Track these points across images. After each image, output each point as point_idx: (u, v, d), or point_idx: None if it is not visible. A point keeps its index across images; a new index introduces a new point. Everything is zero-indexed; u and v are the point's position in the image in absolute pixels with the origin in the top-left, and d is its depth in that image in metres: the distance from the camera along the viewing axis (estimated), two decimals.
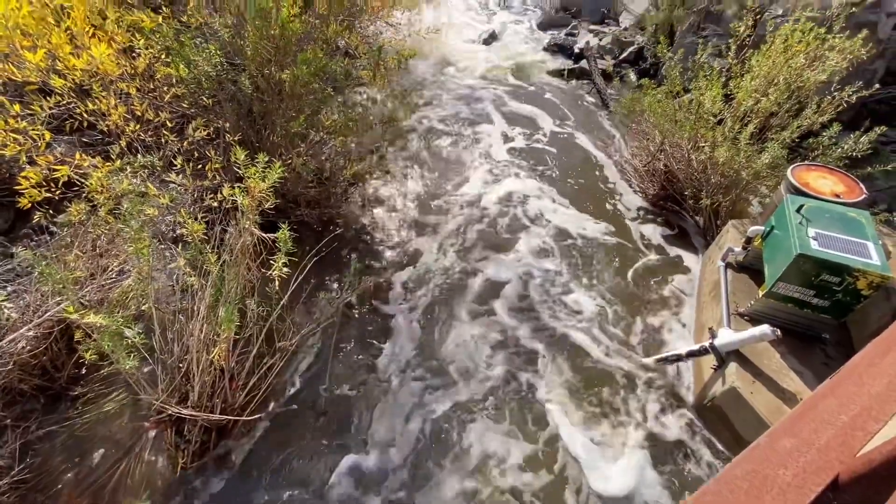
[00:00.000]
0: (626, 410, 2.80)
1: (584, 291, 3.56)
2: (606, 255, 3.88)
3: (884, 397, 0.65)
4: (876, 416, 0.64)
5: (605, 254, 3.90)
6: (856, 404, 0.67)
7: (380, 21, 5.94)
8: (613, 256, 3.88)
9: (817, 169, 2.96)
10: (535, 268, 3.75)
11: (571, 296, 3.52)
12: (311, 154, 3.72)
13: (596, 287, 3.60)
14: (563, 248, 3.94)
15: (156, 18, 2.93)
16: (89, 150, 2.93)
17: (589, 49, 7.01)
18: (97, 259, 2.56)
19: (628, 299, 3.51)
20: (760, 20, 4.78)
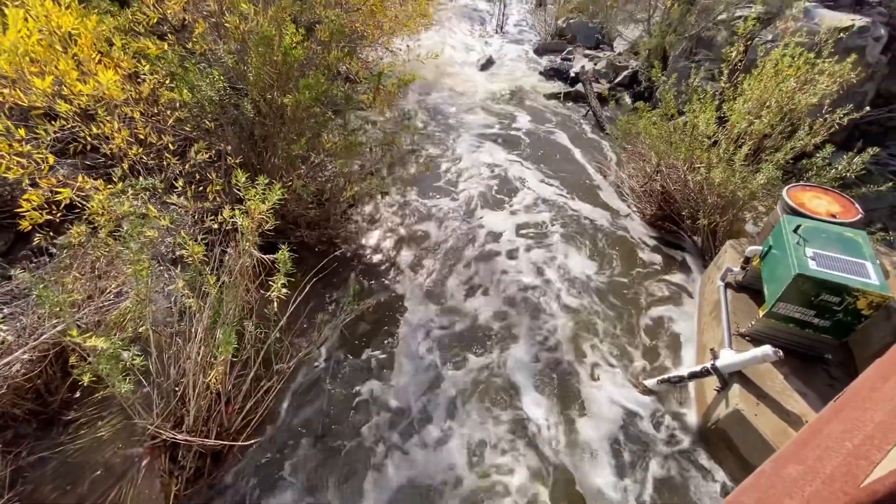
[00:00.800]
0: (628, 434, 2.75)
1: (583, 310, 3.54)
2: (604, 275, 3.88)
3: (886, 425, 0.64)
4: (879, 444, 0.63)
5: (603, 273, 3.90)
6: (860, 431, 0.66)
7: (380, 47, 6.09)
8: (611, 276, 3.87)
9: (812, 189, 3.00)
10: (532, 281, 3.74)
11: (570, 315, 3.51)
12: (311, 176, 3.76)
13: (594, 306, 3.58)
14: (561, 266, 3.94)
15: (161, 45, 3.00)
16: (92, 172, 2.96)
17: (584, 73, 7.17)
18: (96, 281, 2.56)
19: (627, 319, 3.49)
20: (751, 45, 4.90)
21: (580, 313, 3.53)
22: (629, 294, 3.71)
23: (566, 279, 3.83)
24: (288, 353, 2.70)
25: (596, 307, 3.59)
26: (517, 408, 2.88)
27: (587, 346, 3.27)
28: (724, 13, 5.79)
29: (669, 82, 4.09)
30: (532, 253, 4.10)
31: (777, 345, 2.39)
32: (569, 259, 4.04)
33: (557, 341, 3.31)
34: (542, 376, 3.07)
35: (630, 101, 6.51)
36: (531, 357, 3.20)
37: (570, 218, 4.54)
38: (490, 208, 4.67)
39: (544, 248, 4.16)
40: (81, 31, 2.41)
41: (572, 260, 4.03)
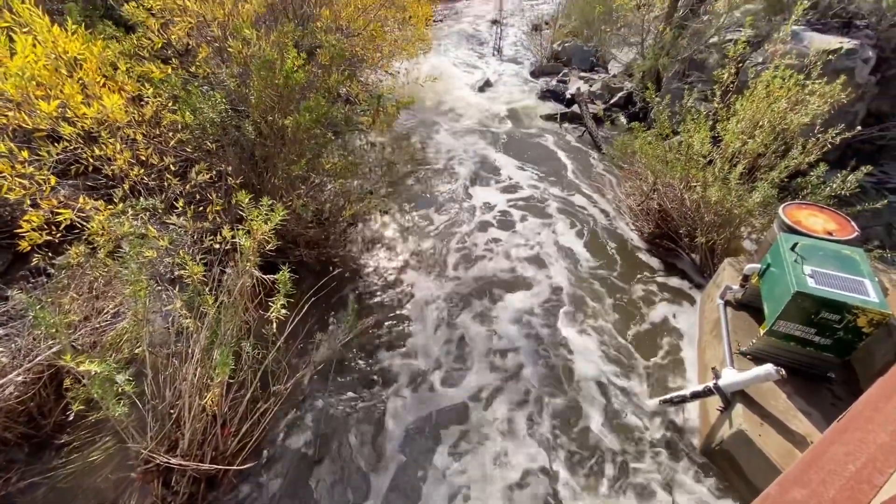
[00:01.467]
0: (630, 457, 2.70)
1: (581, 331, 3.52)
2: (604, 295, 3.88)
3: (887, 448, 0.63)
4: (881, 467, 0.62)
5: (603, 293, 3.89)
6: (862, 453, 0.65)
7: (380, 70, 6.22)
8: (612, 296, 3.87)
9: (808, 207, 3.02)
10: (533, 306, 3.73)
11: (569, 337, 3.49)
12: (311, 196, 3.78)
13: (594, 326, 3.56)
14: (559, 288, 3.93)
15: (165, 69, 3.07)
16: (93, 193, 2.98)
17: (580, 95, 7.30)
18: (93, 301, 2.55)
19: (627, 339, 3.47)
20: (742, 67, 5.01)
21: (578, 332, 3.51)
22: (627, 311, 3.70)
23: (566, 301, 3.82)
24: (285, 374, 2.67)
25: (594, 325, 3.57)
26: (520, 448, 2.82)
27: (587, 365, 3.24)
28: (715, 37, 5.94)
29: (663, 103, 4.16)
30: (528, 257, 4.09)
31: (779, 363, 2.38)
32: (568, 286, 4.03)
33: (557, 363, 3.28)
34: (541, 401, 3.04)
35: (625, 122, 6.61)
36: (531, 380, 3.16)
37: (570, 235, 4.56)
38: (489, 226, 4.69)
39: (540, 259, 4.16)
40: (87, 55, 2.46)
41: (572, 288, 4.03)
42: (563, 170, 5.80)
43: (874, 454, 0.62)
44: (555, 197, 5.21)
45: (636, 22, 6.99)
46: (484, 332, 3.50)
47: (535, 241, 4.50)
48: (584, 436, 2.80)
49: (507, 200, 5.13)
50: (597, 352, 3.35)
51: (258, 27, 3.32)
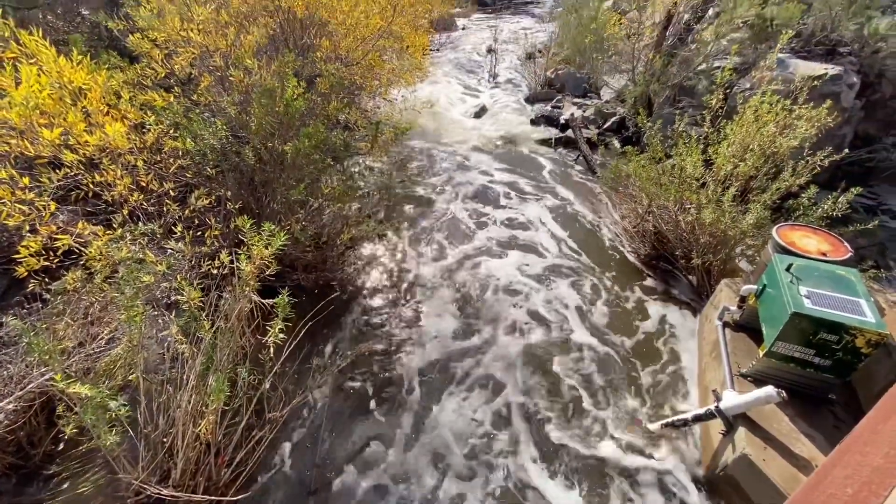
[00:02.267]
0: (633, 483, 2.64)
1: (578, 352, 3.50)
2: (601, 317, 3.87)
3: (883, 470, 0.63)
4: (876, 490, 0.62)
5: (600, 315, 3.89)
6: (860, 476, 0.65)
7: (378, 97, 6.36)
8: (609, 318, 3.86)
9: (801, 228, 3.06)
10: (530, 329, 3.71)
11: (566, 360, 3.46)
12: (309, 220, 3.81)
13: (592, 349, 3.54)
14: (556, 312, 3.93)
15: (167, 97, 3.13)
16: (92, 218, 3.00)
17: (574, 120, 7.46)
18: (88, 327, 2.52)
19: (626, 361, 3.44)
20: (731, 93, 5.16)
21: (576, 355, 3.49)
22: (626, 333, 3.68)
23: (566, 326, 3.81)
24: (281, 401, 2.63)
25: (592, 348, 3.55)
26: (521, 468, 2.77)
27: (584, 386, 3.20)
28: (703, 64, 6.12)
29: (655, 127, 4.26)
30: (524, 289, 4.09)
31: (780, 385, 2.36)
32: (568, 309, 4.03)
33: (556, 386, 3.25)
34: (540, 426, 2.99)
35: (619, 146, 6.74)
36: (532, 407, 3.12)
37: (567, 258, 4.58)
38: (486, 250, 4.71)
39: (540, 285, 4.16)
40: (92, 85, 2.52)
41: (571, 309, 4.03)
42: (559, 192, 5.87)
43: (870, 477, 0.62)
44: (550, 218, 5.25)
45: (627, 50, 7.21)
46: (481, 357, 3.47)
47: (530, 261, 4.51)
48: (586, 459, 2.75)
49: (503, 223, 5.17)
50: (595, 374, 3.32)
51: (259, 57, 3.42)
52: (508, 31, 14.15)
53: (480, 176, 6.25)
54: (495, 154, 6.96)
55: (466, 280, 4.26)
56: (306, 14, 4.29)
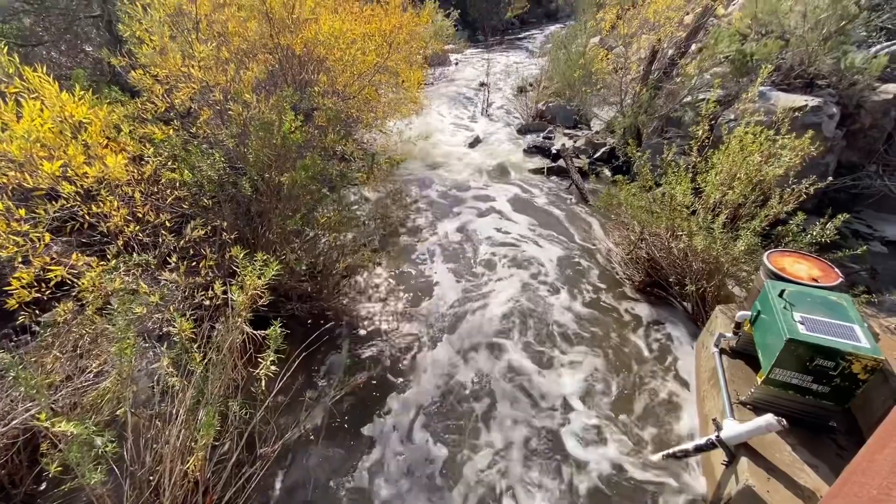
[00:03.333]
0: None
1: (574, 384, 3.46)
2: (598, 346, 3.85)
3: (878, 502, 0.62)
4: None
5: (596, 344, 3.87)
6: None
7: (374, 129, 6.51)
8: (605, 347, 3.84)
9: (791, 255, 3.10)
10: (526, 359, 3.68)
11: (564, 391, 3.42)
12: (304, 249, 3.82)
13: (588, 379, 3.50)
14: (550, 340, 3.90)
15: (167, 130, 3.19)
16: (86, 249, 2.99)
17: (565, 150, 7.64)
18: (76, 360, 2.47)
19: (624, 391, 3.40)
20: (716, 124, 5.33)
21: (571, 387, 3.45)
22: (623, 362, 3.65)
23: (559, 355, 3.78)
24: (273, 435, 2.55)
25: (588, 377, 3.51)
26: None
27: (582, 419, 3.15)
28: (688, 97, 6.35)
29: (644, 157, 4.37)
30: (518, 316, 4.07)
31: (780, 413, 2.33)
32: (562, 337, 4.02)
33: (555, 421, 3.19)
34: (540, 457, 2.92)
35: (610, 174, 6.88)
36: (530, 434, 3.06)
37: (560, 284, 4.59)
38: (481, 277, 4.71)
39: (534, 311, 4.15)
40: (93, 119, 2.57)
41: (565, 338, 4.01)
42: (552, 220, 5.94)
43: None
44: (545, 245, 5.29)
45: (614, 84, 7.47)
46: (478, 389, 3.42)
47: (524, 286, 4.51)
48: (589, 496, 2.67)
49: (498, 249, 5.20)
50: (593, 405, 3.27)
51: (258, 92, 3.51)
52: (500, 66, 14.66)
53: (475, 204, 6.33)
54: (489, 183, 7.06)
55: (461, 308, 4.24)
56: (305, 51, 4.43)
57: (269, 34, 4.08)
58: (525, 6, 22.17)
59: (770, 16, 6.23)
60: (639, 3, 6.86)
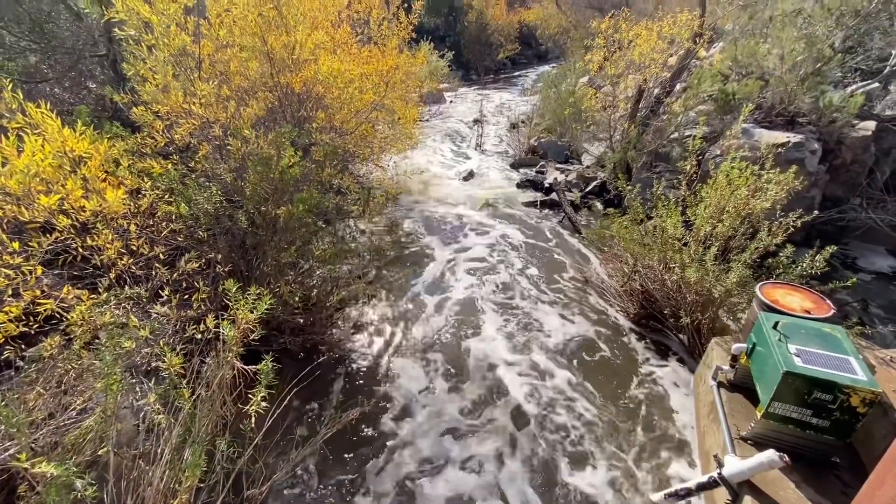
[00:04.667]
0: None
1: (571, 420, 3.39)
2: (592, 379, 3.80)
3: None
4: None
5: (590, 377, 3.82)
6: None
7: (370, 163, 6.63)
8: (600, 381, 3.79)
9: (783, 286, 3.13)
10: (522, 391, 3.61)
11: (561, 426, 3.34)
12: (299, 282, 3.80)
13: (584, 413, 3.44)
14: (548, 374, 3.85)
15: (165, 164, 3.23)
16: (77, 282, 2.95)
17: (557, 184, 7.80)
18: (60, 397, 2.40)
19: (623, 428, 3.33)
20: (703, 159, 5.48)
21: (568, 422, 3.38)
22: (620, 397, 3.60)
23: (560, 399, 3.73)
24: (262, 476, 2.46)
25: (583, 413, 3.44)
26: None
27: (579, 452, 3.07)
28: (675, 133, 6.56)
29: (635, 191, 4.46)
30: (512, 350, 4.03)
31: (781, 448, 2.29)
32: (558, 368, 3.97)
33: (554, 455, 3.11)
34: (539, 492, 2.82)
35: (601, 207, 7.00)
36: (527, 470, 2.97)
37: (555, 316, 4.57)
38: (476, 311, 4.69)
39: (529, 342, 4.11)
40: (93, 153, 2.60)
41: (561, 370, 3.97)
42: (546, 251, 5.98)
43: None
44: (538, 277, 5.30)
45: (603, 121, 7.73)
46: (473, 426, 3.34)
47: (522, 321, 4.49)
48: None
49: (493, 281, 5.20)
50: (590, 440, 3.19)
51: (257, 128, 3.59)
52: (493, 104, 15.14)
53: (469, 237, 6.38)
54: (483, 216, 7.15)
55: (457, 341, 4.20)
56: (304, 89, 4.57)
57: (269, 73, 4.21)
58: (516, 48, 23.19)
59: (749, 58, 6.55)
60: (625, 45, 7.19)
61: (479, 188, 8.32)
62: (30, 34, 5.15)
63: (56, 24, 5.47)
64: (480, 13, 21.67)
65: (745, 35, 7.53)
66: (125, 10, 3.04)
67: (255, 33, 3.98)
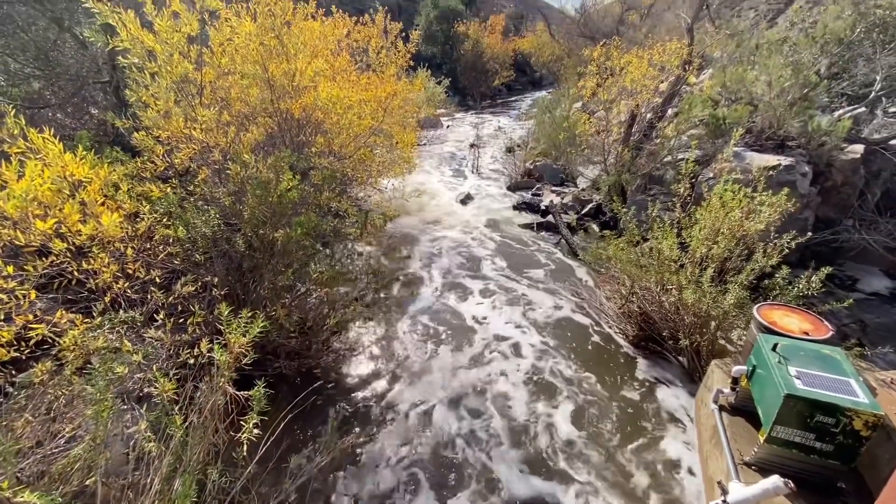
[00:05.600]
0: None
1: (571, 447, 3.32)
2: (590, 401, 3.74)
3: None
4: None
5: (588, 400, 3.77)
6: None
7: (369, 186, 6.69)
8: (599, 403, 3.73)
9: (780, 308, 3.13)
10: (520, 418, 3.55)
11: (559, 455, 3.28)
12: (295, 304, 3.77)
13: (586, 439, 3.37)
14: (545, 397, 3.80)
15: (165, 188, 3.25)
16: (72, 306, 2.92)
17: (553, 206, 7.87)
18: (49, 424, 2.34)
19: (625, 454, 3.27)
20: (696, 182, 5.56)
21: (567, 450, 3.31)
22: (622, 421, 3.54)
23: (554, 414, 3.67)
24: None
25: (586, 438, 3.38)
26: None
27: (581, 479, 2.99)
28: (668, 156, 6.67)
29: (630, 213, 4.50)
30: (512, 373, 3.98)
31: (786, 474, 2.25)
32: (556, 393, 3.92)
33: (553, 484, 3.04)
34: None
35: (597, 229, 7.05)
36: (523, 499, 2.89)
37: (553, 339, 4.54)
38: (475, 332, 4.66)
39: (527, 367, 4.06)
40: (93, 178, 2.62)
41: (560, 394, 3.92)
42: (544, 273, 5.98)
43: None
44: (537, 300, 5.29)
45: (597, 145, 7.86)
46: (469, 455, 3.27)
47: (517, 342, 4.45)
48: None
49: (490, 305, 5.18)
50: (591, 467, 3.13)
51: (257, 153, 3.63)
52: (490, 129, 15.42)
53: (467, 259, 6.39)
54: (480, 237, 7.18)
55: (455, 365, 4.15)
56: (303, 115, 4.65)
57: (270, 99, 4.29)
58: (511, 75, 23.85)
59: (738, 84, 6.74)
60: (617, 72, 7.39)
61: (476, 211, 8.39)
62: (34, 61, 5.25)
63: (61, 52, 5.59)
64: (476, 42, 22.35)
65: (733, 62, 7.77)
66: (130, 39, 3.11)
67: (257, 61, 4.08)
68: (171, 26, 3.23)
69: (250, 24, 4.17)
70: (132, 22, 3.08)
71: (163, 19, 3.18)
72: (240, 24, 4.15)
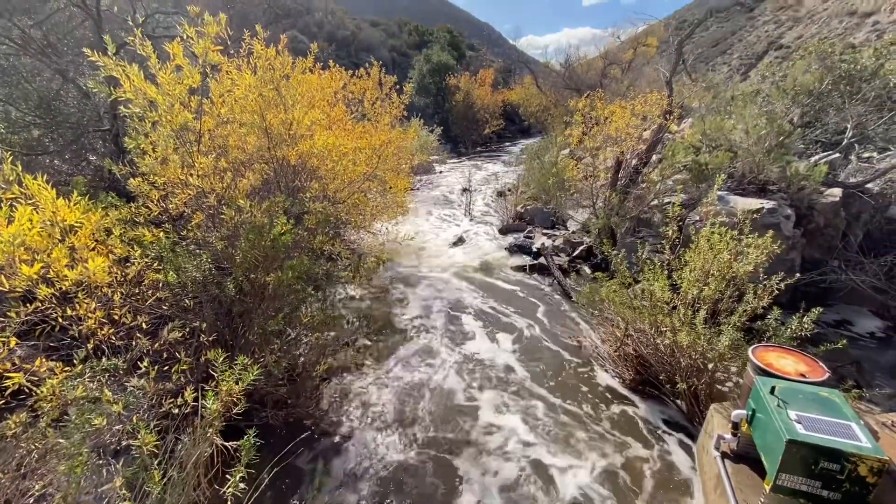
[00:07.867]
0: None
1: (569, 494, 3.17)
2: (589, 450, 3.61)
3: None
4: None
5: (587, 449, 3.64)
6: None
7: (362, 230, 6.75)
8: (597, 452, 3.60)
9: (775, 349, 3.11)
10: (514, 474, 3.41)
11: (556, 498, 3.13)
12: (284, 350, 3.69)
13: (581, 488, 3.23)
14: (542, 445, 3.67)
15: (157, 233, 3.25)
16: (53, 353, 2.83)
17: (545, 248, 7.95)
18: (19, 481, 2.20)
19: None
20: (683, 225, 5.69)
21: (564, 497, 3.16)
22: (619, 471, 3.40)
23: (552, 462, 3.54)
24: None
25: (580, 487, 3.23)
26: None
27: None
28: (655, 200, 6.86)
29: (620, 255, 4.56)
30: (506, 422, 3.85)
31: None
32: (552, 442, 3.80)
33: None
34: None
35: (589, 271, 7.09)
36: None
37: (548, 384, 4.44)
38: (469, 379, 4.55)
39: (524, 415, 3.94)
40: (84, 222, 2.62)
41: (556, 444, 3.79)
42: (537, 316, 5.94)
43: None
44: (531, 344, 5.22)
45: (586, 189, 8.08)
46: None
47: (516, 392, 4.34)
48: None
49: (484, 349, 5.10)
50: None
51: (252, 198, 3.67)
52: (481, 174, 15.83)
53: (460, 301, 6.35)
54: (473, 280, 7.18)
55: (446, 413, 4.02)
56: (299, 162, 4.76)
57: (266, 147, 4.40)
58: (501, 124, 24.89)
59: (717, 132, 7.06)
60: (602, 121, 7.73)
61: (469, 253, 8.44)
62: (36, 110, 5.37)
63: (63, 101, 5.75)
64: (467, 93, 23.46)
65: (711, 112, 8.18)
66: (133, 90, 3.22)
67: (255, 111, 4.22)
68: (173, 79, 3.36)
69: (250, 76, 4.35)
70: (136, 74, 3.20)
71: (166, 72, 3.31)
72: (240, 77, 4.33)
